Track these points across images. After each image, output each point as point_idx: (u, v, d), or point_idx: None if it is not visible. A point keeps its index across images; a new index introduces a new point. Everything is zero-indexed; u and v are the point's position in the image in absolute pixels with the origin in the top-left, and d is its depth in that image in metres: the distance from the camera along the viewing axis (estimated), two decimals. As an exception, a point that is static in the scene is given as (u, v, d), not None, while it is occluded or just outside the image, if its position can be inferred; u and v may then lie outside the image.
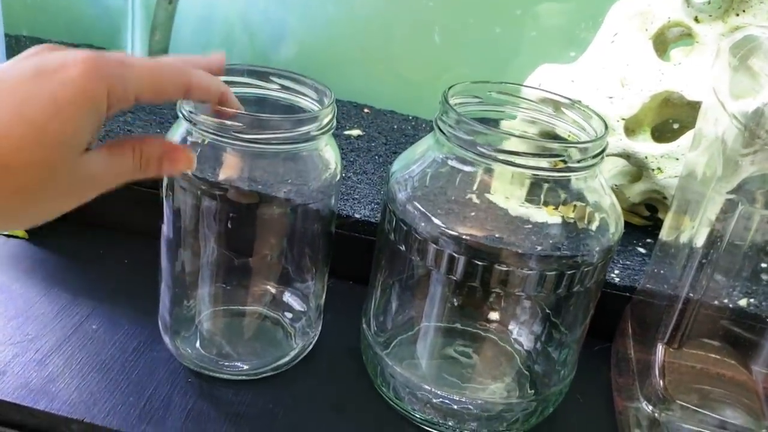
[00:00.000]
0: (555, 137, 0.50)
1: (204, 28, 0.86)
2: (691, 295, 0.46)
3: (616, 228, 0.43)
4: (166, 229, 0.46)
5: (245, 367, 0.48)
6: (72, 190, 0.32)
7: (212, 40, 0.86)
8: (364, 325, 0.49)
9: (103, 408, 0.44)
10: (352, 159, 0.67)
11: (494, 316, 0.51)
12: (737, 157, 0.44)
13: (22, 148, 0.29)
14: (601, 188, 0.44)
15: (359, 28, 0.81)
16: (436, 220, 0.41)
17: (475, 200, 0.43)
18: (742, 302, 0.51)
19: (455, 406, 0.45)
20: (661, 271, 0.50)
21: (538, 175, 0.41)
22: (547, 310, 0.48)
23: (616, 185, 0.64)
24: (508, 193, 0.43)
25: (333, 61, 0.82)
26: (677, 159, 0.58)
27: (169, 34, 0.79)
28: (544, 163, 0.40)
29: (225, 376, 0.47)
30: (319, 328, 0.52)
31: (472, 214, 0.42)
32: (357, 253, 0.56)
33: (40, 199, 0.30)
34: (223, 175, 0.42)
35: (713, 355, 0.50)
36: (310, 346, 0.51)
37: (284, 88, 0.46)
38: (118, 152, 0.33)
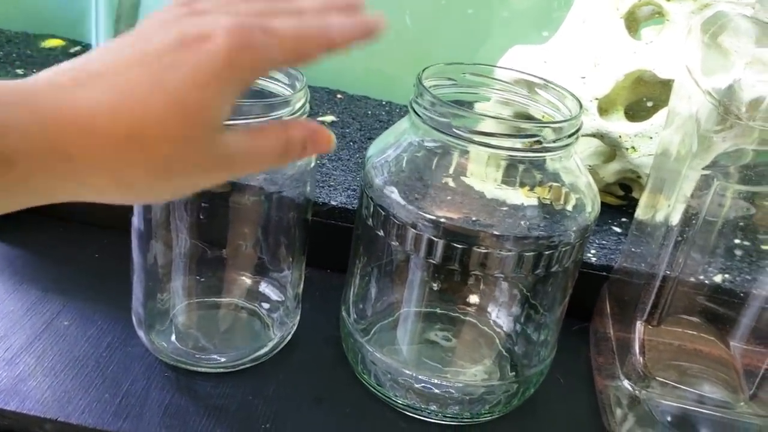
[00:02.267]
0: (529, 118, 0.49)
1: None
2: (669, 272, 0.46)
3: (592, 207, 0.43)
4: (136, 221, 0.44)
5: (223, 359, 0.47)
6: (207, 168, 0.29)
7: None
8: (344, 313, 0.49)
9: (77, 406, 0.43)
10: (326, 145, 0.66)
11: (473, 299, 0.51)
12: (711, 134, 0.44)
13: (160, 120, 0.27)
14: (576, 168, 0.43)
15: (329, 13, 0.79)
16: (413, 205, 0.41)
17: (452, 183, 0.42)
18: (718, 278, 0.52)
19: (437, 391, 0.45)
20: (638, 250, 0.50)
21: (513, 156, 0.41)
22: (526, 292, 0.48)
23: (590, 165, 0.64)
24: (484, 176, 0.43)
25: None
26: (651, 138, 0.58)
27: (135, 21, 0.77)
28: (519, 143, 0.40)
29: (203, 369, 0.47)
30: (298, 317, 0.51)
31: (450, 197, 0.42)
32: (334, 240, 0.55)
33: (173, 175, 0.28)
34: None
35: (691, 332, 0.50)
36: (289, 337, 0.50)
37: None
38: (260, 136, 0.31)
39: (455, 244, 0.41)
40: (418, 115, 0.41)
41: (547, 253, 0.41)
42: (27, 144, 0.26)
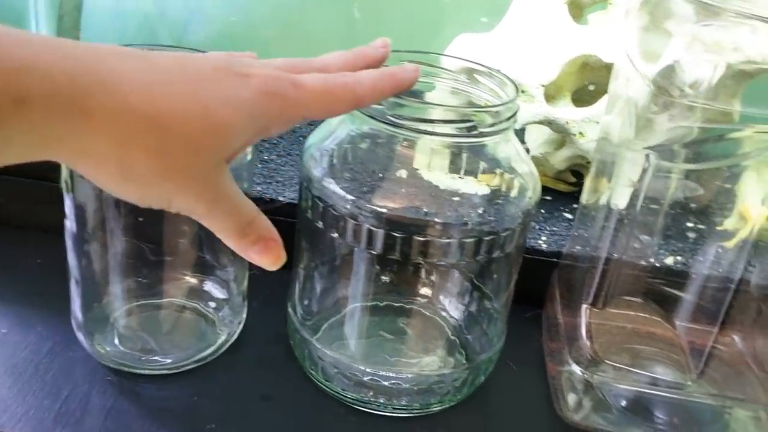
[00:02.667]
0: (471, 105, 0.49)
1: (118, 15, 0.83)
2: (612, 254, 0.46)
3: (533, 192, 0.43)
4: (69, 223, 0.43)
5: (167, 360, 0.46)
6: (193, 188, 0.30)
7: (128, 25, 0.83)
8: (290, 309, 0.48)
9: (14, 414, 0.42)
10: (275, 141, 0.65)
11: (422, 289, 0.50)
12: (650, 115, 0.44)
13: (186, 118, 0.28)
14: (516, 154, 0.43)
15: (278, 7, 0.78)
16: (351, 195, 0.40)
17: (389, 171, 0.42)
18: (669, 260, 0.52)
19: (385, 383, 0.44)
20: (584, 234, 0.50)
21: (448, 142, 0.40)
22: (472, 279, 0.48)
23: (541, 153, 0.64)
24: (427, 164, 0.43)
25: (252, 40, 0.79)
26: (598, 122, 0.58)
27: (78, 22, 0.76)
28: (454, 129, 0.40)
29: (147, 372, 0.46)
30: (244, 315, 0.50)
31: (387, 185, 0.42)
32: (284, 237, 0.54)
33: (170, 174, 0.29)
34: None
35: (639, 314, 0.51)
36: (236, 335, 0.49)
37: None
38: (241, 203, 0.32)
39: (395, 234, 0.40)
40: (354, 104, 0.41)
41: (487, 239, 0.41)
42: (47, 86, 0.25)
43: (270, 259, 0.34)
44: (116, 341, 0.46)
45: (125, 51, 0.29)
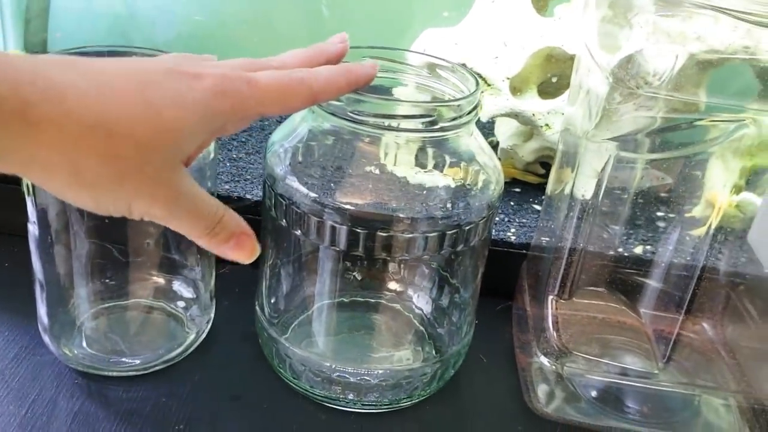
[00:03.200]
0: (435, 100, 0.49)
1: (88, 16, 0.82)
2: (577, 245, 0.46)
3: (497, 185, 0.43)
4: (32, 227, 0.43)
5: (136, 362, 0.46)
6: (149, 191, 0.30)
7: (97, 27, 0.82)
8: (258, 308, 0.48)
9: (-22, 420, 0.42)
10: (243, 139, 0.65)
11: (388, 284, 0.50)
12: (611, 106, 0.44)
13: (132, 121, 0.28)
14: (479, 147, 0.43)
15: (247, 6, 0.78)
16: (313, 192, 0.40)
17: (352, 168, 0.42)
18: (638, 250, 0.52)
19: (353, 379, 0.44)
20: (551, 225, 0.50)
21: (413, 137, 0.40)
22: (439, 271, 0.48)
23: (510, 146, 0.64)
24: (391, 158, 0.43)
25: (221, 39, 0.79)
26: (563, 114, 0.58)
27: (45, 24, 0.75)
28: (415, 124, 0.40)
29: (115, 374, 0.45)
30: (212, 314, 0.50)
31: (350, 182, 0.42)
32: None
33: (122, 179, 0.29)
34: None
35: (608, 304, 0.51)
36: (204, 334, 0.49)
37: None
38: (204, 202, 0.32)
39: (358, 230, 0.40)
40: (314, 101, 0.41)
41: (450, 232, 0.41)
42: None
43: (245, 253, 0.34)
44: (84, 344, 0.46)
45: (68, 60, 0.29)
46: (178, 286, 0.49)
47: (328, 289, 0.47)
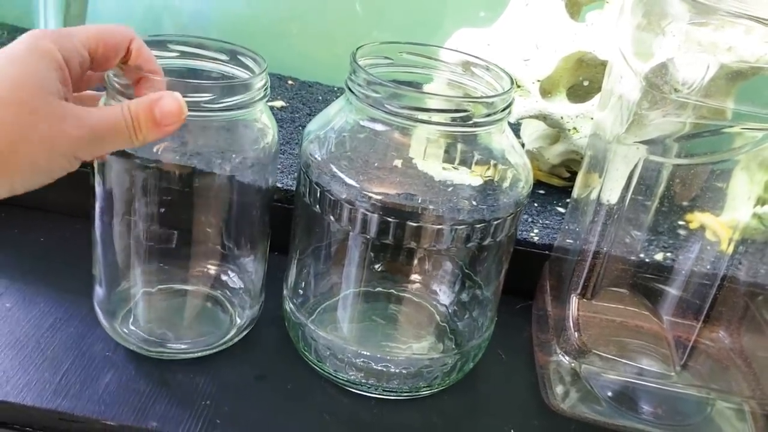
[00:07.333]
0: (468, 97, 0.50)
1: (123, 3, 0.84)
2: (602, 248, 0.47)
3: (526, 183, 0.44)
4: (98, 205, 0.44)
5: (181, 347, 0.47)
6: (53, 134, 0.32)
7: (134, 12, 0.84)
8: (285, 292, 0.49)
9: (16, 385, 0.43)
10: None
11: (414, 276, 0.51)
12: (642, 111, 0.45)
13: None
14: (510, 145, 0.44)
15: (282, 0, 0.80)
16: (349, 181, 0.41)
17: (387, 159, 0.43)
18: (659, 256, 0.53)
19: (376, 366, 0.45)
20: (575, 228, 0.51)
21: (446, 131, 0.41)
22: (463, 267, 0.49)
23: (536, 148, 0.65)
24: (422, 153, 0.44)
25: (256, 32, 0.80)
26: (592, 118, 0.59)
27: (85, 8, 0.77)
28: (449, 118, 0.41)
29: (154, 357, 0.47)
30: (261, 304, 0.51)
31: (383, 173, 0.43)
32: (281, 222, 0.56)
33: (23, 147, 0.32)
34: (156, 147, 0.41)
35: (628, 307, 0.52)
36: (251, 325, 0.50)
37: (211, 59, 0.45)
38: (102, 108, 0.35)
39: (389, 219, 0.41)
40: (353, 93, 0.42)
41: (479, 226, 0.42)
42: None
43: (175, 109, 0.35)
44: (132, 323, 0.47)
45: None
46: (231, 275, 0.50)
47: (355, 277, 0.48)
